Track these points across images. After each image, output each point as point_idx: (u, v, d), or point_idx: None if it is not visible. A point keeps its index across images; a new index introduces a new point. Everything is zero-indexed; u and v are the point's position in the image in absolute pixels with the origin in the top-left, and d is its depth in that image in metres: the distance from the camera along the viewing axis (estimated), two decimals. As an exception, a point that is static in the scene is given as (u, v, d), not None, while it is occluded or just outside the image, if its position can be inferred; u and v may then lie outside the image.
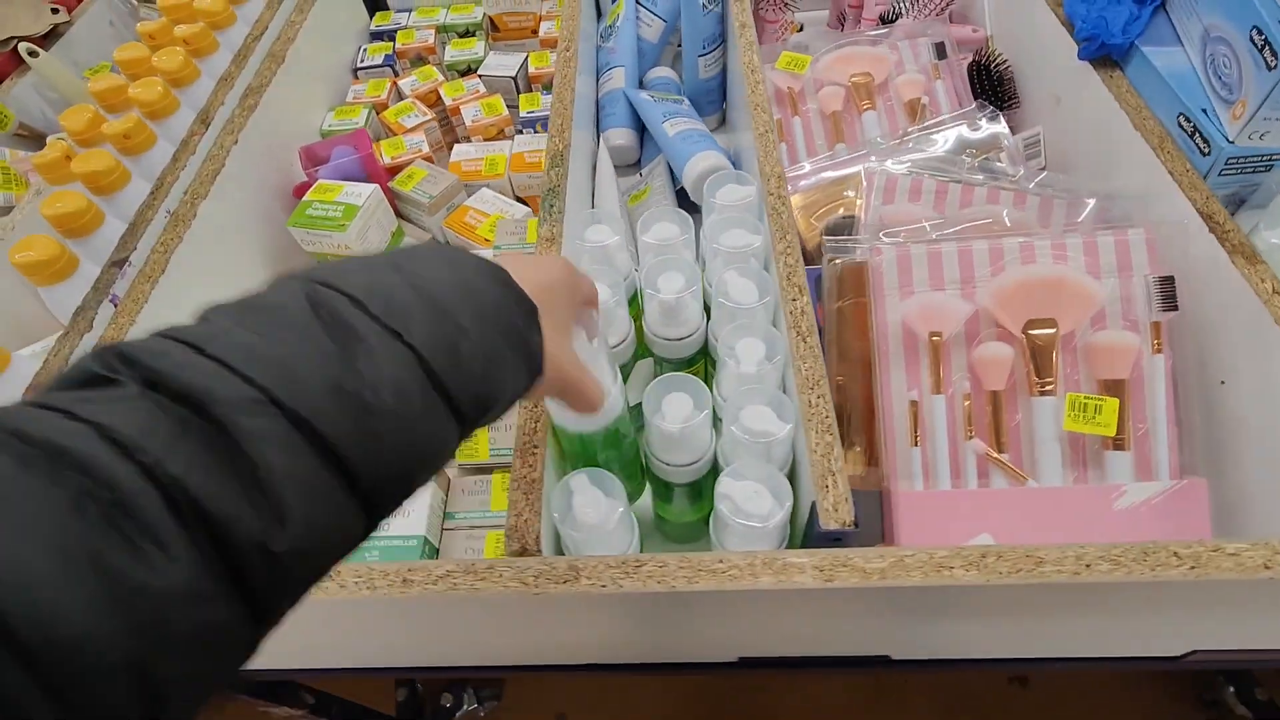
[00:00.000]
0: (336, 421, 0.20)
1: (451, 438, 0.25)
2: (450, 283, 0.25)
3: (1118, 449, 0.46)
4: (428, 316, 0.23)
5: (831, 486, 0.40)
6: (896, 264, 0.50)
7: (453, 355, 0.24)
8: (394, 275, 0.24)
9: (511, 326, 0.27)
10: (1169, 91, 0.54)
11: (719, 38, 0.79)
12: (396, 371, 0.22)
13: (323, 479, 0.20)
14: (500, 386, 0.26)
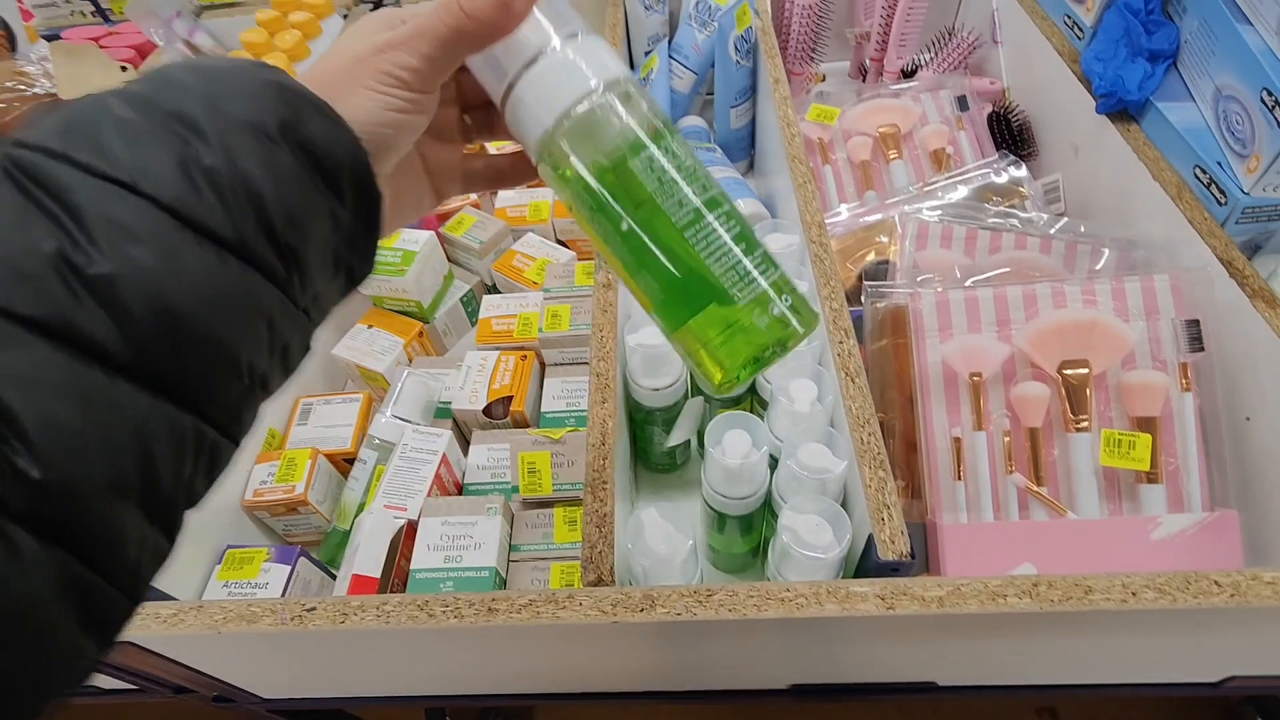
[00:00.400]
0: (91, 319, 0.17)
1: (269, 290, 0.21)
2: (195, 97, 0.20)
3: (1151, 482, 0.49)
4: (156, 139, 0.19)
5: (888, 519, 0.43)
6: (935, 308, 0.53)
7: (215, 188, 0.19)
8: (106, 98, 0.20)
9: (287, 125, 0.21)
10: (1185, 145, 0.58)
11: (749, 90, 0.84)
12: (136, 228, 0.18)
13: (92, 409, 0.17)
14: (297, 201, 0.21)
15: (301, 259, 0.22)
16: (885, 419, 0.56)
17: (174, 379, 0.19)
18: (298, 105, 0.22)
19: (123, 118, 0.19)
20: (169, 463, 0.19)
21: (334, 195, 0.22)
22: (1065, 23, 0.74)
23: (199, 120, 0.20)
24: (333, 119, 0.22)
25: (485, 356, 0.66)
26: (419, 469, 0.56)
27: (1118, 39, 0.65)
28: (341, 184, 0.23)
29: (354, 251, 0.24)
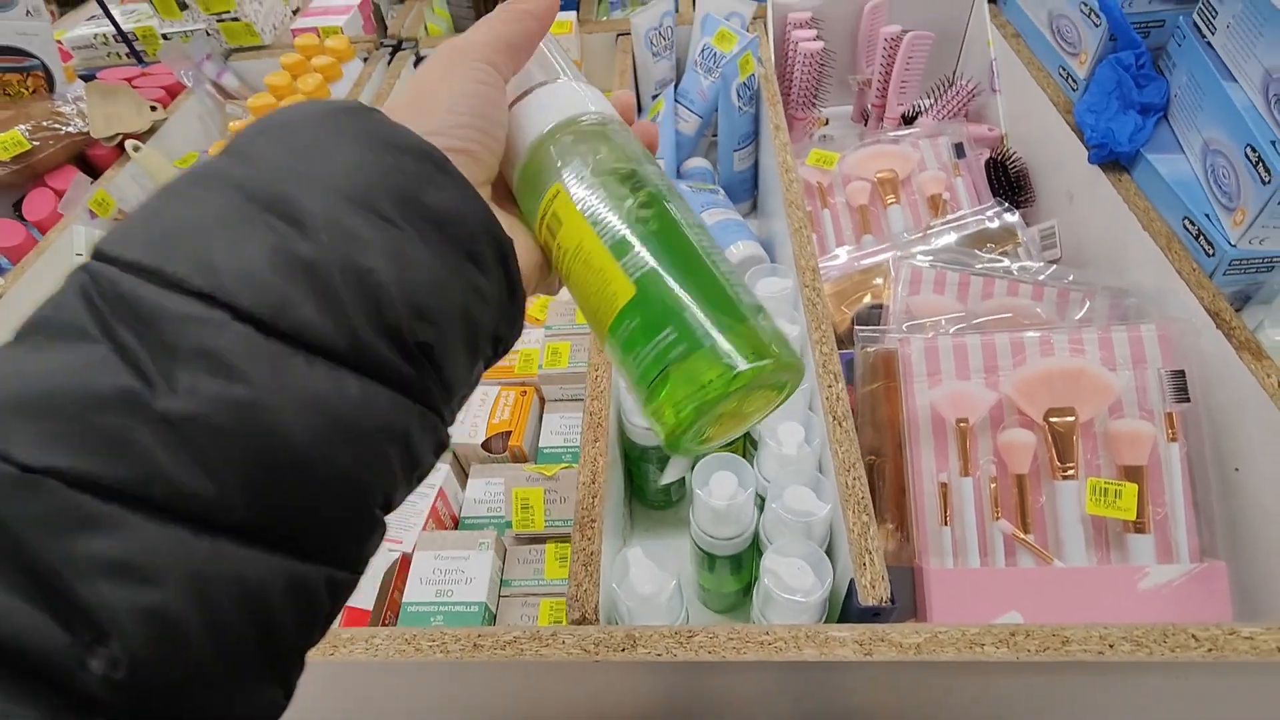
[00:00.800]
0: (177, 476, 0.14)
1: (393, 401, 0.17)
2: (294, 172, 0.17)
3: (1139, 532, 0.49)
4: (257, 245, 0.16)
5: (869, 565, 0.43)
6: (924, 354, 0.54)
7: (319, 287, 0.16)
8: (180, 185, 0.17)
9: (407, 199, 0.18)
10: (1174, 196, 0.59)
11: (752, 135, 0.86)
12: (219, 349, 0.15)
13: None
14: (425, 282, 0.18)
15: (437, 356, 0.18)
16: (876, 461, 0.57)
17: (294, 533, 0.16)
18: (413, 166, 0.18)
19: (200, 212, 0.16)
20: (290, 623, 0.16)
21: (474, 267, 0.19)
22: (1060, 74, 0.75)
23: (293, 199, 0.17)
24: (456, 177, 0.19)
25: (486, 391, 0.67)
26: (416, 502, 0.57)
27: (1110, 92, 0.66)
28: (481, 253, 0.19)
29: (501, 322, 0.21)
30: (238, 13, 1.01)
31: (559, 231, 0.23)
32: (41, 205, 0.81)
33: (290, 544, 0.16)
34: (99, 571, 0.14)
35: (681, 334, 0.21)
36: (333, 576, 0.17)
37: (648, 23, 0.92)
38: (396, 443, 0.18)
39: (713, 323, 0.21)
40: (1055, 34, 0.76)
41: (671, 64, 0.98)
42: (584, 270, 0.23)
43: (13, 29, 0.85)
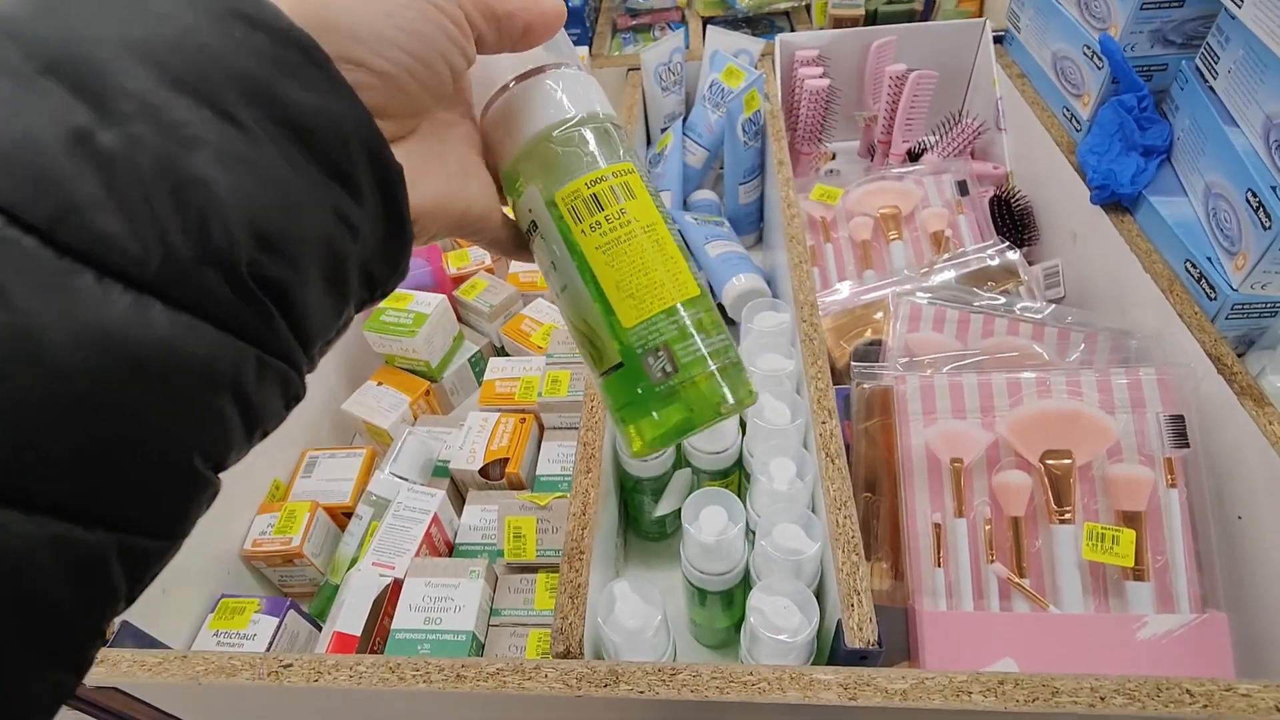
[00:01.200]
0: None
1: (220, 340, 0.14)
2: (91, 22, 0.13)
3: (1137, 579, 0.48)
4: (43, 121, 0.12)
5: (857, 606, 0.43)
6: (920, 392, 0.54)
7: (118, 186, 0.13)
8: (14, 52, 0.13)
9: (258, 91, 0.14)
10: (1176, 239, 0.59)
11: (758, 169, 0.87)
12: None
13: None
14: (273, 200, 0.14)
15: (288, 293, 0.15)
16: (872, 499, 0.56)
17: (72, 492, 0.13)
18: (270, 50, 0.14)
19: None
20: (67, 599, 0.13)
21: (343, 190, 0.16)
22: (1064, 114, 0.76)
23: (102, 75, 0.13)
24: (331, 74, 0.15)
25: (486, 418, 0.68)
26: (410, 528, 0.58)
27: (1112, 134, 0.66)
28: (354, 174, 0.16)
29: (375, 259, 0.18)
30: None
31: (613, 208, 0.23)
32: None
33: (66, 506, 0.13)
34: None
35: (728, 348, 0.24)
36: (130, 544, 0.14)
37: (657, 58, 0.94)
38: (225, 392, 0.15)
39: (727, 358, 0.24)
40: (1059, 75, 0.76)
41: (680, 98, 1.00)
42: (638, 256, 0.23)
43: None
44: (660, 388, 0.23)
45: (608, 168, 0.23)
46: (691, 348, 0.23)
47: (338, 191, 0.16)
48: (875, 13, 0.99)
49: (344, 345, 0.77)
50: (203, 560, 0.57)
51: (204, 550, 0.57)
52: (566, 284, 0.24)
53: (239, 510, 0.61)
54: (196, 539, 0.56)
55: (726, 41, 0.94)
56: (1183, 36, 0.66)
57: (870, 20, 0.99)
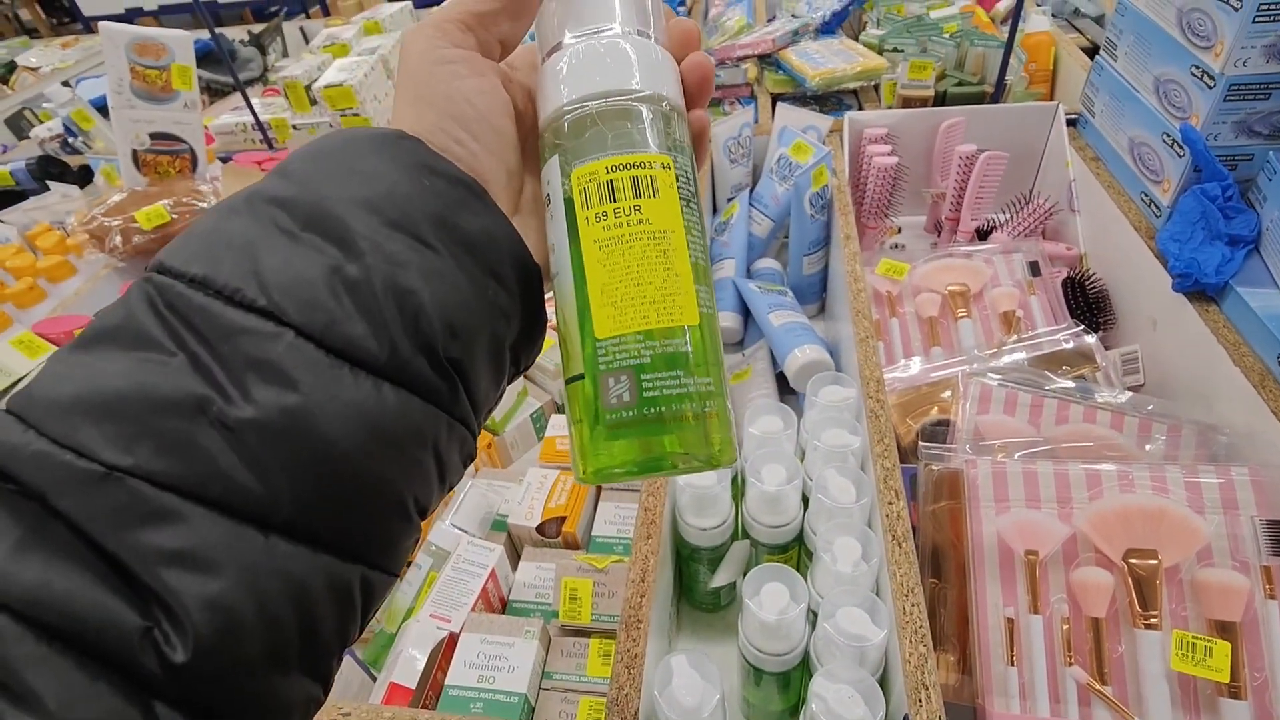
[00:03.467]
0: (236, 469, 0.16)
1: (427, 412, 0.19)
2: (338, 189, 0.19)
3: (1234, 697, 0.45)
4: (309, 264, 0.17)
5: (925, 702, 0.41)
6: (992, 478, 0.52)
7: (364, 305, 0.18)
8: (248, 215, 0.18)
9: (442, 222, 0.19)
10: (1267, 332, 0.57)
11: (823, 241, 0.88)
12: (280, 363, 0.17)
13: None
14: (459, 303, 0.19)
15: (466, 371, 0.20)
16: (938, 587, 0.54)
17: (335, 531, 0.17)
18: (448, 190, 0.20)
19: (263, 232, 0.18)
20: (330, 619, 0.18)
21: (499, 287, 0.20)
22: (1142, 200, 0.75)
23: (343, 226, 0.18)
24: (489, 204, 0.21)
25: (545, 475, 0.69)
26: (468, 581, 0.58)
27: (1194, 222, 0.65)
28: (505, 274, 0.21)
29: (522, 342, 0.22)
30: (359, 110, 1.13)
31: (627, 202, 0.20)
32: (170, 270, 0.91)
33: (331, 543, 0.17)
34: (166, 561, 0.15)
35: (710, 396, 0.20)
36: (368, 576, 0.19)
37: (727, 132, 0.98)
38: (428, 449, 0.19)
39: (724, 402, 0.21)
40: (1136, 160, 0.76)
41: (748, 170, 1.02)
42: (636, 262, 0.20)
43: (171, 118, 0.98)
44: (613, 415, 0.20)
45: (638, 155, 0.21)
46: (661, 382, 0.20)
47: (495, 288, 0.20)
48: (945, 94, 1.01)
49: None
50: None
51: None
52: (558, 271, 0.21)
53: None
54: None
55: (795, 118, 0.96)
56: (1269, 128, 0.65)
57: (939, 101, 1.01)
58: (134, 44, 0.93)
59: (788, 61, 1.14)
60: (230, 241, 0.18)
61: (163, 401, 0.16)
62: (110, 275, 0.92)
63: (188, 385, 0.16)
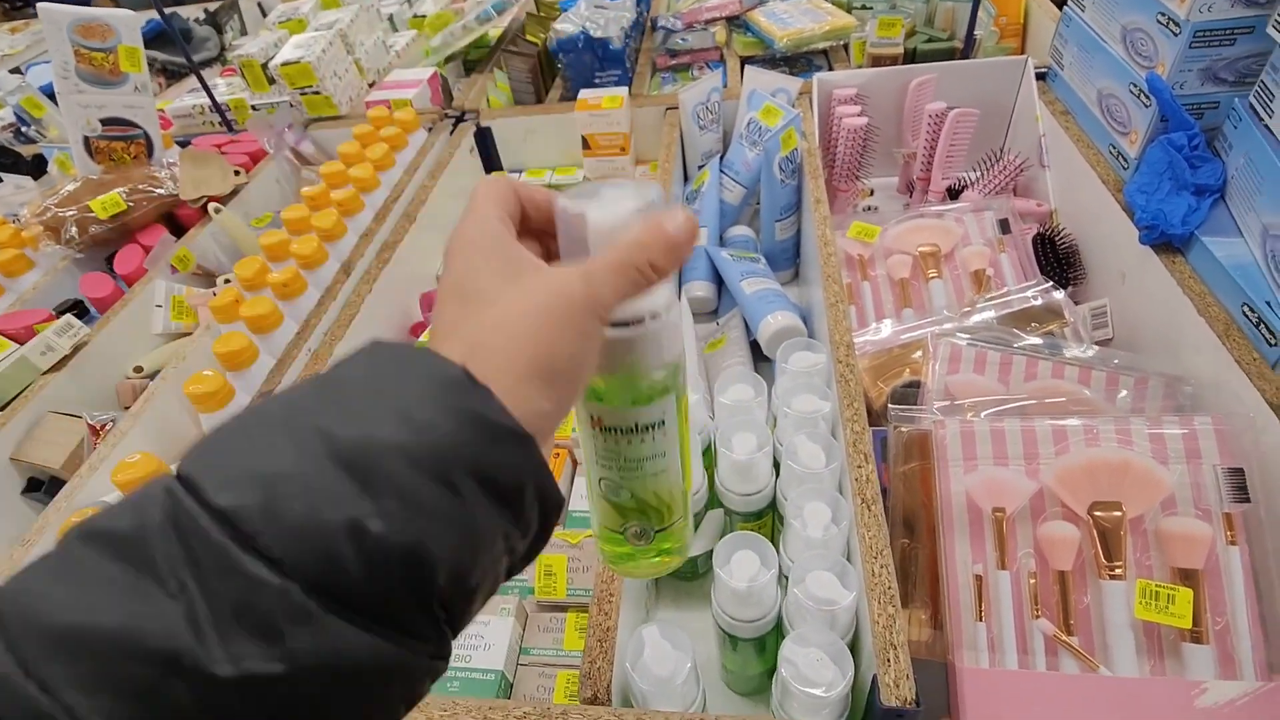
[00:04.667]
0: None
1: (413, 661, 0.19)
2: (374, 424, 0.18)
3: (1195, 641, 0.45)
4: (331, 510, 0.17)
5: (893, 661, 0.41)
6: (960, 438, 0.53)
7: (369, 558, 0.17)
8: (287, 439, 0.18)
9: (477, 470, 0.19)
10: (1232, 282, 0.57)
11: (794, 205, 0.87)
12: (282, 628, 0.16)
13: None
14: (469, 548, 0.19)
15: (463, 616, 0.20)
16: (909, 546, 0.55)
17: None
18: (498, 449, 0.19)
19: (298, 467, 0.18)
20: None
21: (514, 524, 0.20)
22: (1110, 152, 0.74)
23: (382, 474, 0.18)
24: (532, 455, 0.20)
25: (520, 452, 0.69)
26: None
27: (1161, 172, 0.65)
28: (525, 511, 0.21)
29: (520, 561, 0.22)
30: (319, 87, 1.10)
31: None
32: (130, 260, 0.89)
33: None
34: None
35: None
36: None
37: (695, 98, 0.96)
38: (407, 688, 0.19)
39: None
40: (1105, 112, 0.75)
41: (718, 136, 1.01)
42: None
43: (121, 102, 0.94)
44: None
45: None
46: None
47: (508, 526, 0.20)
48: (914, 51, 0.99)
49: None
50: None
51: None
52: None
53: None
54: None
55: (764, 80, 0.95)
56: (1235, 74, 0.64)
57: (909, 59, 0.99)
58: (76, 25, 0.89)
59: (756, 23, 1.12)
60: (264, 473, 0.18)
61: (145, 651, 0.16)
62: (69, 267, 0.90)
63: (175, 636, 0.16)
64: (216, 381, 0.63)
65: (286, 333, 0.71)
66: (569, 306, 0.21)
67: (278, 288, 0.74)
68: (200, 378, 0.63)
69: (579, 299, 0.21)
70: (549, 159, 1.11)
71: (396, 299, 0.82)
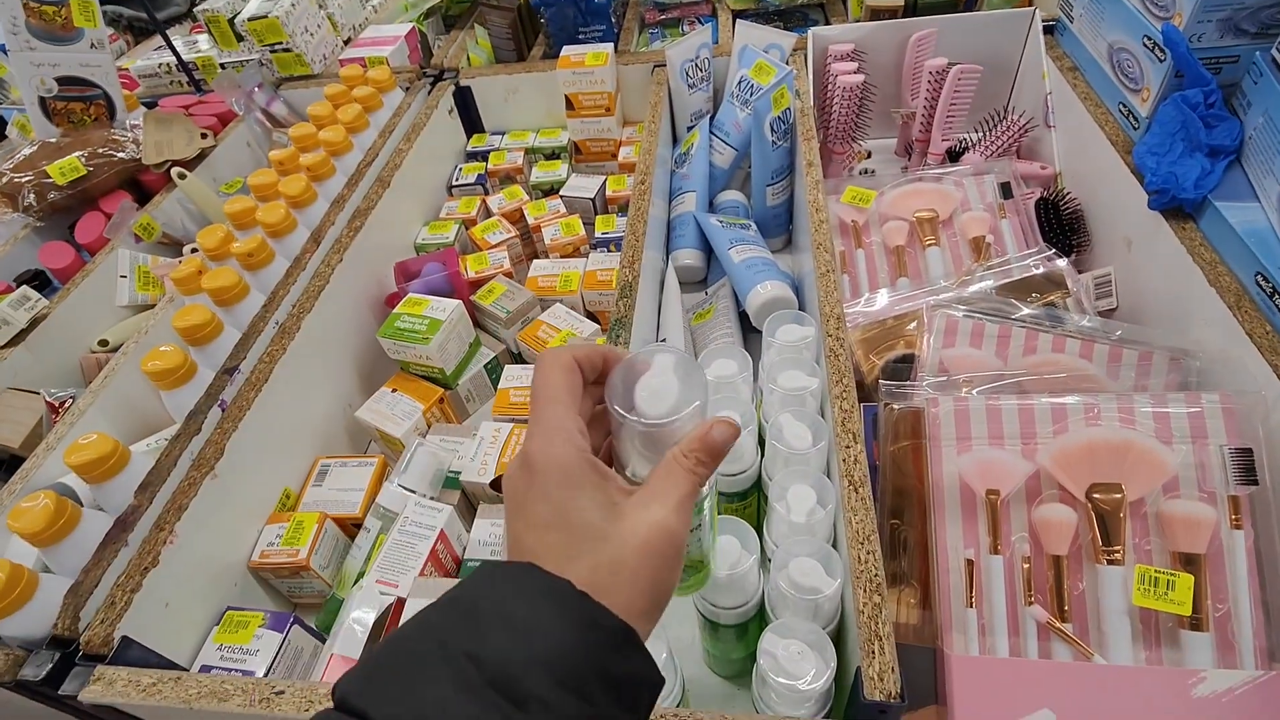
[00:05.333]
0: None
1: None
2: (518, 647, 0.21)
3: (1195, 629, 0.43)
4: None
5: (878, 653, 0.39)
6: (954, 416, 0.50)
7: None
8: (441, 667, 0.21)
9: (602, 672, 0.22)
10: (1246, 249, 0.53)
11: (787, 169, 0.83)
12: None
13: None
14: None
15: None
16: (900, 528, 0.53)
17: None
18: (608, 642, 0.23)
19: (453, 693, 0.20)
20: None
21: (636, 717, 0.23)
22: (1120, 111, 0.70)
23: (523, 689, 0.21)
24: (638, 647, 0.23)
25: (499, 429, 0.66)
26: (416, 544, 0.56)
27: (1174, 132, 0.61)
28: (641, 706, 0.24)
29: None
30: (290, 44, 1.04)
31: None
32: (93, 229, 0.85)
33: None
34: None
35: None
36: None
37: (684, 55, 0.91)
38: None
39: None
40: (1115, 68, 0.71)
41: (708, 95, 0.96)
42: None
43: (77, 60, 0.89)
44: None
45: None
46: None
47: (629, 717, 0.23)
48: (915, 3, 0.94)
49: (359, 351, 0.76)
50: (210, 571, 0.56)
51: (212, 561, 0.56)
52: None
53: (248, 520, 0.61)
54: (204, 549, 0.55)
55: (756, 36, 0.90)
56: (1257, 25, 0.60)
57: (910, 11, 0.94)
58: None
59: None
60: (421, 698, 0.20)
61: None
62: (29, 236, 0.86)
63: None
64: (176, 357, 0.60)
65: (253, 305, 0.68)
66: (674, 544, 0.25)
67: (243, 258, 0.70)
68: (158, 354, 0.60)
69: (679, 534, 0.25)
70: (532, 120, 1.06)
71: (369, 269, 0.79)
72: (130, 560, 0.50)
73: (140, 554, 0.51)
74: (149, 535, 0.52)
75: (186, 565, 0.53)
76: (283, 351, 0.64)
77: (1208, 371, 0.53)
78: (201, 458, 0.56)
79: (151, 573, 0.50)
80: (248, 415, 0.59)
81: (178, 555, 0.52)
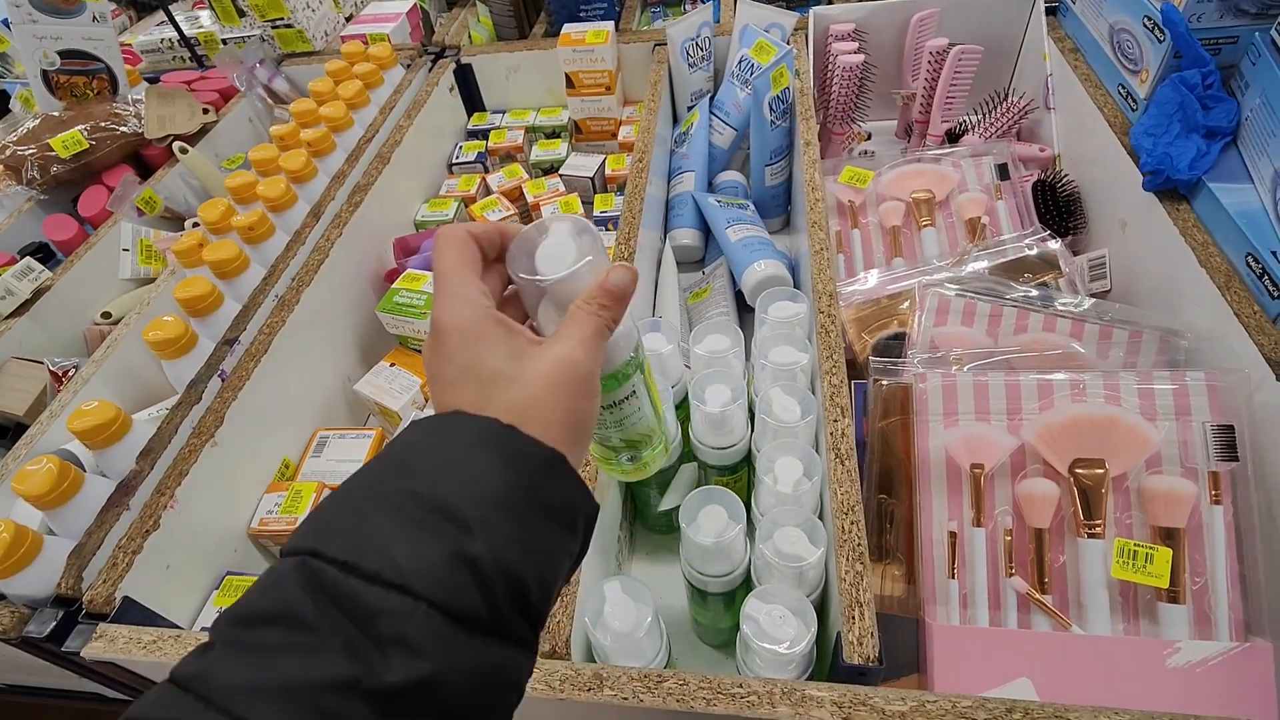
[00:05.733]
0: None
1: (523, 660, 0.23)
2: (453, 481, 0.23)
3: (1172, 601, 0.44)
4: (435, 547, 0.21)
5: (858, 619, 0.40)
6: (941, 392, 0.50)
7: (480, 580, 0.21)
8: (382, 504, 0.22)
9: (534, 497, 0.24)
10: (1237, 230, 0.54)
11: (786, 149, 0.83)
12: (420, 643, 0.20)
13: None
14: (548, 564, 0.24)
15: (545, 614, 0.24)
16: (888, 502, 0.53)
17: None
18: (539, 470, 0.24)
19: (398, 523, 0.22)
20: None
21: (574, 538, 0.25)
22: (1119, 92, 0.70)
23: (461, 514, 0.22)
24: (568, 472, 0.25)
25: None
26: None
27: (1171, 114, 0.61)
28: (578, 526, 0.26)
29: (575, 566, 0.27)
30: (291, 19, 1.04)
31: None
32: (96, 202, 0.85)
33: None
34: None
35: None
36: None
37: (684, 33, 0.91)
38: (515, 688, 0.23)
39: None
40: (1116, 49, 0.70)
41: (709, 75, 0.96)
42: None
43: (79, 34, 0.89)
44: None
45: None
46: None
47: (571, 540, 0.25)
48: (919, -17, 0.93)
49: (359, 325, 0.77)
50: (211, 537, 0.57)
51: (212, 527, 0.58)
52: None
53: (248, 488, 0.62)
54: (205, 514, 0.56)
55: (758, 15, 0.89)
56: (1258, 5, 0.60)
57: (913, -9, 0.93)
58: (26, -52, 0.84)
59: (752, -48, 1.05)
60: (364, 527, 0.22)
61: (325, 683, 0.19)
62: (33, 209, 0.86)
63: (343, 667, 0.19)
64: (177, 327, 0.61)
65: (253, 278, 0.69)
66: (581, 375, 0.26)
67: (244, 231, 0.71)
68: (159, 323, 0.60)
69: (584, 366, 0.26)
70: (533, 99, 1.06)
71: (369, 245, 0.79)
72: (132, 524, 0.52)
73: (142, 518, 0.52)
74: (150, 500, 0.53)
75: (187, 530, 0.54)
76: (282, 324, 0.65)
77: (1195, 351, 0.54)
78: (202, 426, 0.57)
79: (153, 536, 0.51)
80: (247, 385, 0.60)
81: (178, 520, 0.53)
